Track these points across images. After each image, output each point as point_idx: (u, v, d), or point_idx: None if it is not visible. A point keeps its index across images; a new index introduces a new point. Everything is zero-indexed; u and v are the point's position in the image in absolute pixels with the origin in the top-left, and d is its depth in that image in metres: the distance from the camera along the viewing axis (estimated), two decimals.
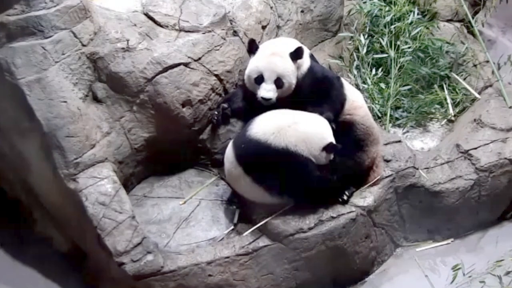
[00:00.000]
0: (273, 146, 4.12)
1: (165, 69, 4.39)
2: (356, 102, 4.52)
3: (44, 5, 4.11)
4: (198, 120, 4.53)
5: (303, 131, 4.15)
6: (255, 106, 4.37)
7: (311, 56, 4.58)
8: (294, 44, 4.50)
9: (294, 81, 4.36)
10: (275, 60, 4.33)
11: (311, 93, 4.40)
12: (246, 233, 4.23)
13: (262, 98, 4.30)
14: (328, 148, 4.19)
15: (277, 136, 4.12)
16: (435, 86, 5.33)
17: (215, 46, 4.56)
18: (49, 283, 4.40)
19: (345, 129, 4.41)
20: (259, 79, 4.33)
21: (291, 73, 4.33)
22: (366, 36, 5.37)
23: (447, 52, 5.45)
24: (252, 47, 4.44)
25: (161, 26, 4.54)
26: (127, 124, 4.40)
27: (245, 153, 4.17)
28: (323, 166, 4.22)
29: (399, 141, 4.79)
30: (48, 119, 4.09)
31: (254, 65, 4.37)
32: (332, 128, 4.29)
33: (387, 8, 5.42)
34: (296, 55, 4.36)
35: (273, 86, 4.30)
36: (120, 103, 4.39)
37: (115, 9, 4.53)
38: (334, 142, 4.21)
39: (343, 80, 4.60)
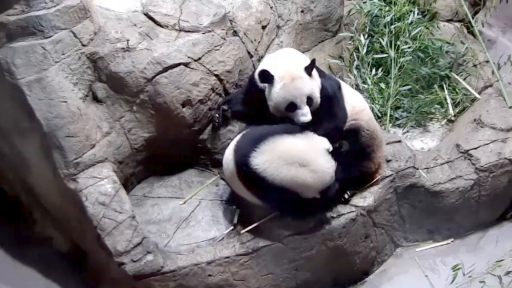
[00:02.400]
0: (270, 182, 4.09)
1: (165, 69, 4.39)
2: (358, 107, 4.48)
3: (44, 5, 4.11)
4: (198, 120, 4.53)
5: (305, 178, 4.09)
6: (257, 110, 4.36)
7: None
8: (298, 56, 4.42)
9: (319, 94, 4.28)
10: (299, 83, 4.19)
11: (320, 109, 4.31)
12: (244, 230, 4.23)
13: (302, 123, 4.19)
14: (324, 192, 4.13)
15: (277, 176, 4.08)
16: (435, 86, 5.33)
17: (215, 46, 4.56)
18: (49, 283, 4.40)
19: (349, 137, 4.33)
20: (291, 107, 4.20)
21: (315, 88, 4.25)
22: (366, 36, 5.37)
23: (447, 52, 5.45)
24: (268, 78, 4.24)
25: (161, 26, 4.54)
26: (127, 124, 4.40)
27: (245, 175, 4.15)
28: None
29: (399, 141, 4.78)
30: (48, 119, 4.09)
31: (281, 96, 4.20)
32: (338, 148, 4.22)
33: (387, 8, 5.42)
34: (310, 68, 4.26)
35: (308, 108, 4.20)
36: (120, 103, 4.39)
37: (115, 9, 4.53)
38: (334, 183, 4.16)
39: (343, 86, 4.53)
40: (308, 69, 4.25)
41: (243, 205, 4.38)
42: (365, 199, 4.46)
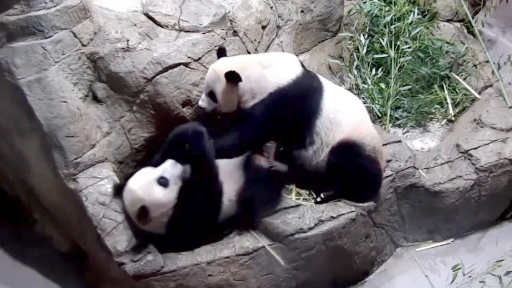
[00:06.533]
0: None
1: (165, 69, 4.39)
2: (353, 124, 4.36)
3: (44, 5, 4.11)
4: (198, 120, 4.53)
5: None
6: None
7: (302, 75, 4.33)
8: (260, 63, 4.28)
9: (228, 102, 4.23)
10: (211, 74, 4.26)
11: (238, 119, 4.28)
12: (244, 230, 4.23)
13: (199, 106, 4.34)
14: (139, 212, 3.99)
15: None
16: (435, 86, 5.34)
17: (215, 46, 4.56)
18: (49, 283, 4.40)
19: (350, 155, 4.30)
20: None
21: (219, 91, 4.23)
22: (366, 36, 5.37)
23: (447, 52, 5.45)
24: (218, 55, 4.38)
25: (161, 26, 4.54)
26: (127, 124, 4.40)
27: None
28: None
29: (399, 141, 4.78)
30: (48, 119, 4.09)
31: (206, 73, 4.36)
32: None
33: (387, 8, 5.42)
34: (228, 77, 4.18)
35: (206, 98, 4.28)
36: (120, 103, 4.39)
37: (115, 9, 4.54)
38: (147, 206, 3.97)
39: (330, 95, 4.38)
40: (226, 75, 4.15)
41: None
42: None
